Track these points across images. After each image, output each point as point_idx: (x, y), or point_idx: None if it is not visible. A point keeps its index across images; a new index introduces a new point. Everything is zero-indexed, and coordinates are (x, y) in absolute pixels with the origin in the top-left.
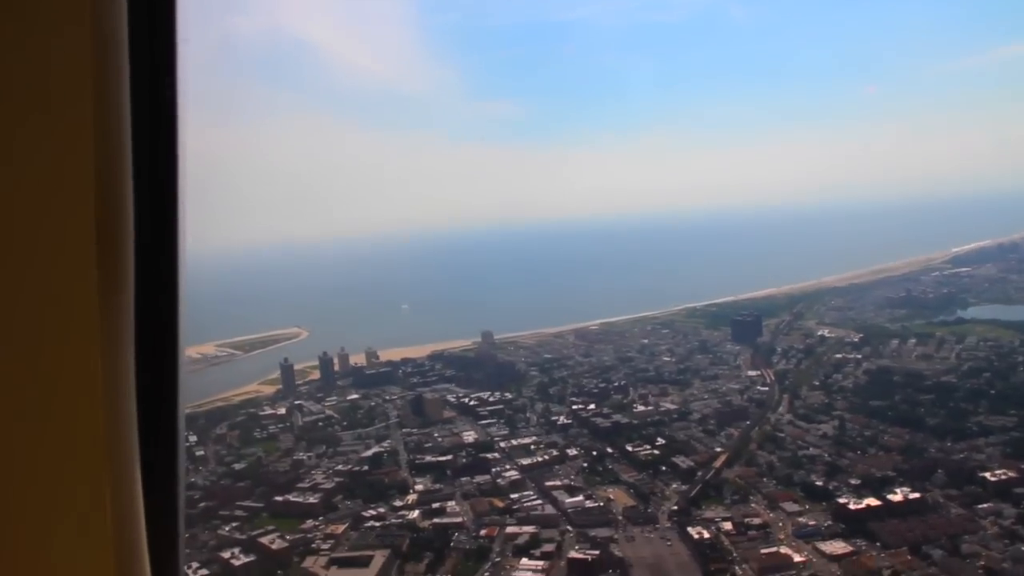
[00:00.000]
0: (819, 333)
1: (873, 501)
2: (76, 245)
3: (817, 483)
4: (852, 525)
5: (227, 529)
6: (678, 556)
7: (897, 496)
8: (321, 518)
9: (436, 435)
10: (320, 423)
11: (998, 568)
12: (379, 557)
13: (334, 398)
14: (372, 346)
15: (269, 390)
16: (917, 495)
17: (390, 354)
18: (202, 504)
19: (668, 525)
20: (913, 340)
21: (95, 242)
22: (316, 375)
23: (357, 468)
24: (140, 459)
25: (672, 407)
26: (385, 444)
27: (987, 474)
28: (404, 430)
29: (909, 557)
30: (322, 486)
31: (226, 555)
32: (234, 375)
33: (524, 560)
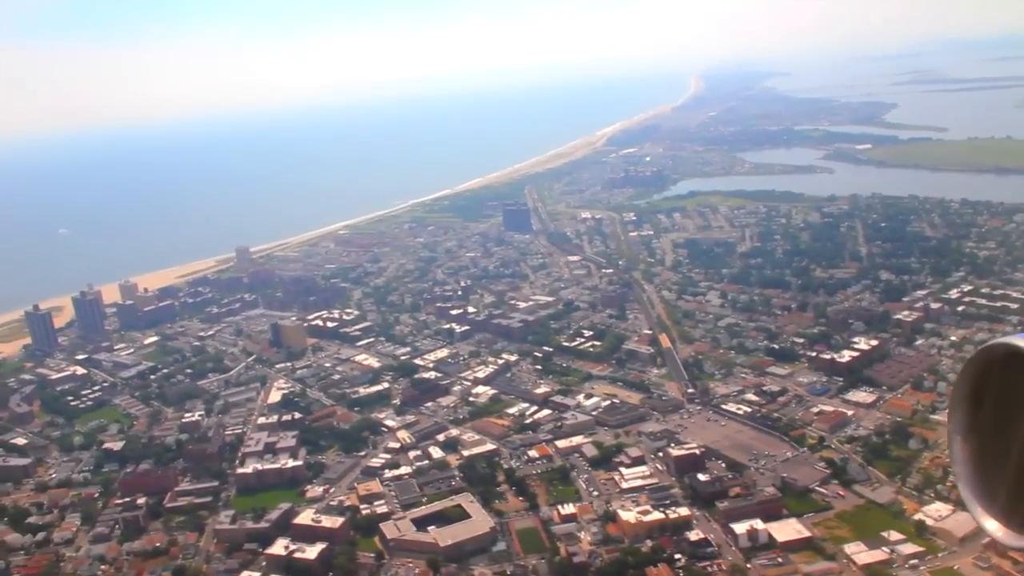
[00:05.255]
0: (584, 216)
1: (850, 352)
2: None
3: (773, 346)
4: (850, 376)
5: (230, 522)
6: (743, 432)
7: (862, 345)
8: (317, 479)
9: (328, 364)
10: (147, 374)
11: None
12: (465, 503)
13: (125, 345)
14: (96, 281)
15: (7, 349)
16: (875, 342)
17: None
18: (129, 498)
19: (699, 408)
20: (677, 214)
21: None
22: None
23: (288, 417)
24: None
25: (547, 299)
26: (284, 384)
27: (899, 316)
28: (278, 366)
29: (918, 393)
30: (279, 446)
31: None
32: None
33: (631, 470)
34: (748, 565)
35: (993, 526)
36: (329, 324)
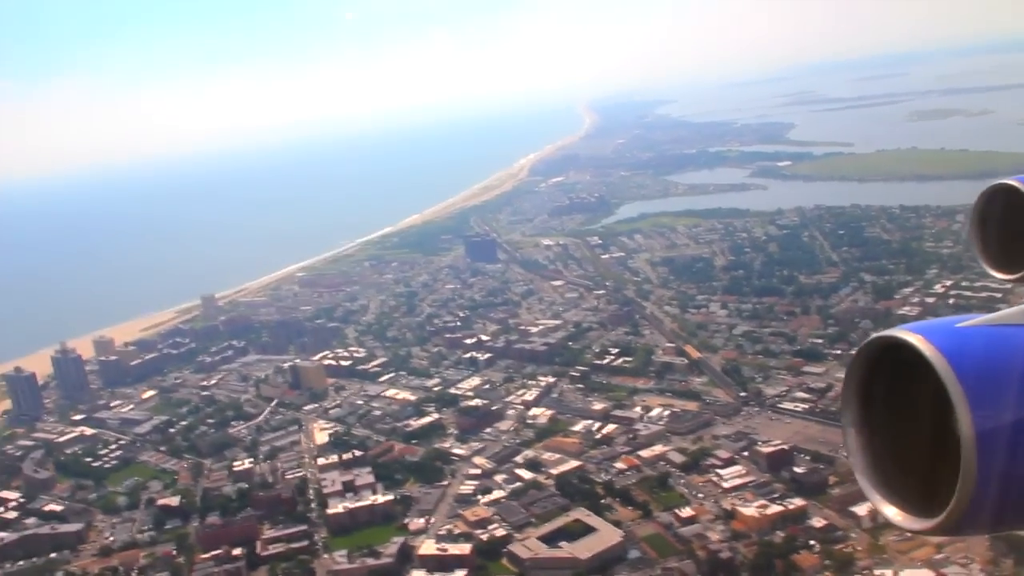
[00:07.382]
0: (548, 243)
1: None
2: None
3: (796, 348)
4: None
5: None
6: (809, 428)
7: None
8: (411, 512)
9: (360, 402)
10: (164, 428)
11: None
12: (583, 517)
13: (120, 402)
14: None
15: None
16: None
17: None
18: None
19: (757, 410)
20: (638, 235)
21: None
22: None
23: (348, 456)
24: None
25: (554, 322)
26: (326, 425)
27: (903, 311)
28: (306, 408)
29: None
30: (358, 483)
31: None
32: None
33: (727, 471)
34: (880, 543)
35: (892, 512)
36: (343, 363)
